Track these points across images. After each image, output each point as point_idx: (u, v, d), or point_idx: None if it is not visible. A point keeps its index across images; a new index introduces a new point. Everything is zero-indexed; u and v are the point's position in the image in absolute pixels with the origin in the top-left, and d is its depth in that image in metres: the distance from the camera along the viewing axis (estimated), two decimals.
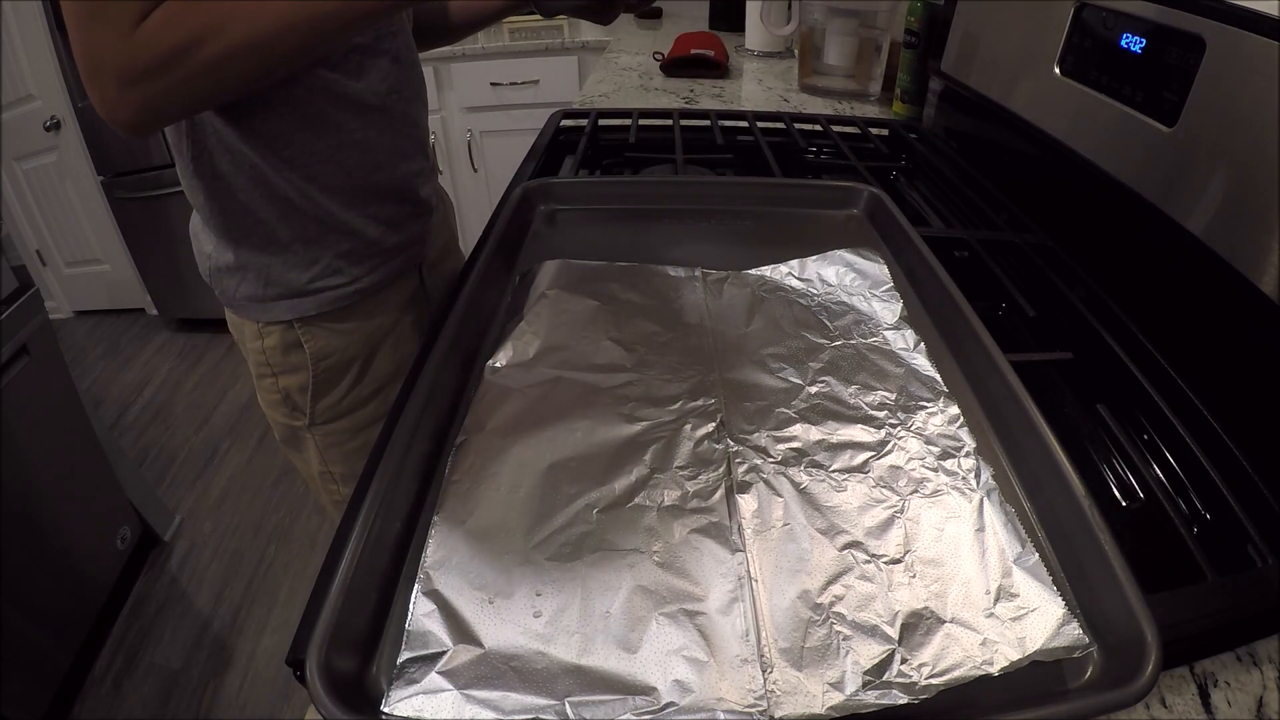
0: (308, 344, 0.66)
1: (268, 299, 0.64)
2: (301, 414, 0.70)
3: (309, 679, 0.28)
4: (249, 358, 0.70)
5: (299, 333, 0.66)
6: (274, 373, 0.68)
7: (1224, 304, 0.55)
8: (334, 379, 0.69)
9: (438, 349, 0.46)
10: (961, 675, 0.30)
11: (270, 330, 0.66)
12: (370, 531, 0.33)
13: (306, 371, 0.67)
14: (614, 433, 0.42)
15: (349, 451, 0.73)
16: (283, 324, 0.65)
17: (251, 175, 0.59)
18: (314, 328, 0.66)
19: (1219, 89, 0.53)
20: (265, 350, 0.67)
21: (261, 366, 0.68)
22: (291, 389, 0.69)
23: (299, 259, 0.63)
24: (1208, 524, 0.45)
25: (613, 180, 0.76)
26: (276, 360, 0.67)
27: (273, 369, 0.68)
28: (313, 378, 0.68)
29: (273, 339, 0.66)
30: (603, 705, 0.29)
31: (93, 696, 1.33)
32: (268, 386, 0.70)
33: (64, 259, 2.52)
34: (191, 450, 1.93)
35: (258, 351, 0.68)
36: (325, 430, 0.72)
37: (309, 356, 0.67)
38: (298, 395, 0.69)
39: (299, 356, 0.67)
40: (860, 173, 0.87)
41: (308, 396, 0.69)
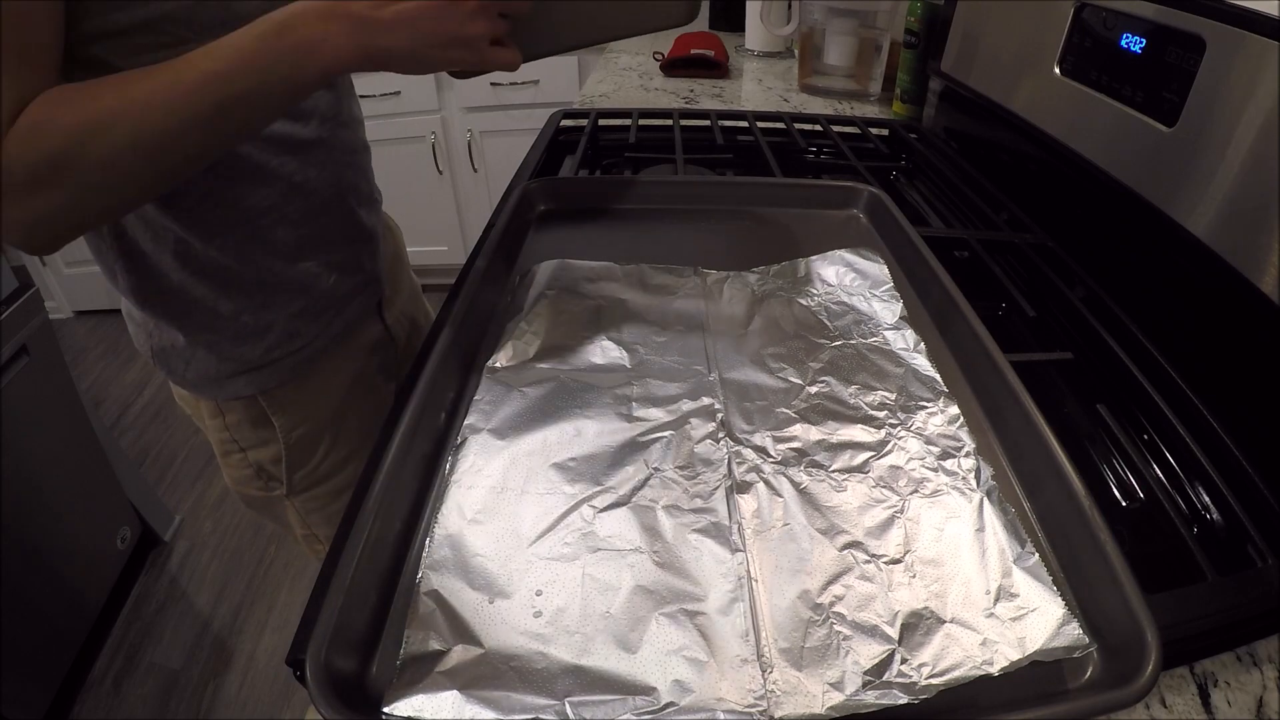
0: (275, 416, 0.61)
1: (222, 377, 0.58)
2: (278, 483, 0.65)
3: (309, 679, 0.28)
4: (209, 435, 0.64)
5: (264, 405, 0.60)
6: (242, 449, 0.63)
7: (1224, 304, 0.55)
8: (309, 447, 0.64)
9: (438, 348, 0.46)
10: (961, 675, 0.30)
11: (231, 406, 0.60)
12: (370, 531, 0.33)
13: (278, 444, 0.62)
14: (614, 433, 0.42)
15: (332, 514, 0.68)
16: (244, 398, 0.60)
17: (178, 250, 0.52)
18: (278, 398, 0.61)
19: (1219, 89, 0.53)
20: (229, 427, 0.62)
21: (227, 444, 0.63)
22: (264, 461, 0.64)
23: (249, 329, 0.57)
24: (1208, 524, 0.45)
25: (613, 180, 0.76)
26: (244, 435, 0.62)
27: (240, 445, 0.63)
28: (285, 450, 0.63)
29: (235, 415, 0.61)
30: (603, 705, 0.29)
31: (93, 696, 1.33)
32: (236, 463, 0.64)
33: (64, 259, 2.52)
34: (191, 450, 1.93)
35: (219, 429, 0.62)
36: (305, 498, 0.67)
37: (278, 429, 0.62)
38: (271, 467, 0.64)
39: (267, 430, 0.62)
40: (860, 173, 0.87)
41: (282, 467, 0.64)
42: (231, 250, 0.54)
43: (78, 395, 1.35)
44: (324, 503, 0.68)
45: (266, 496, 0.67)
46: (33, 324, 1.23)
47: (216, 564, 1.61)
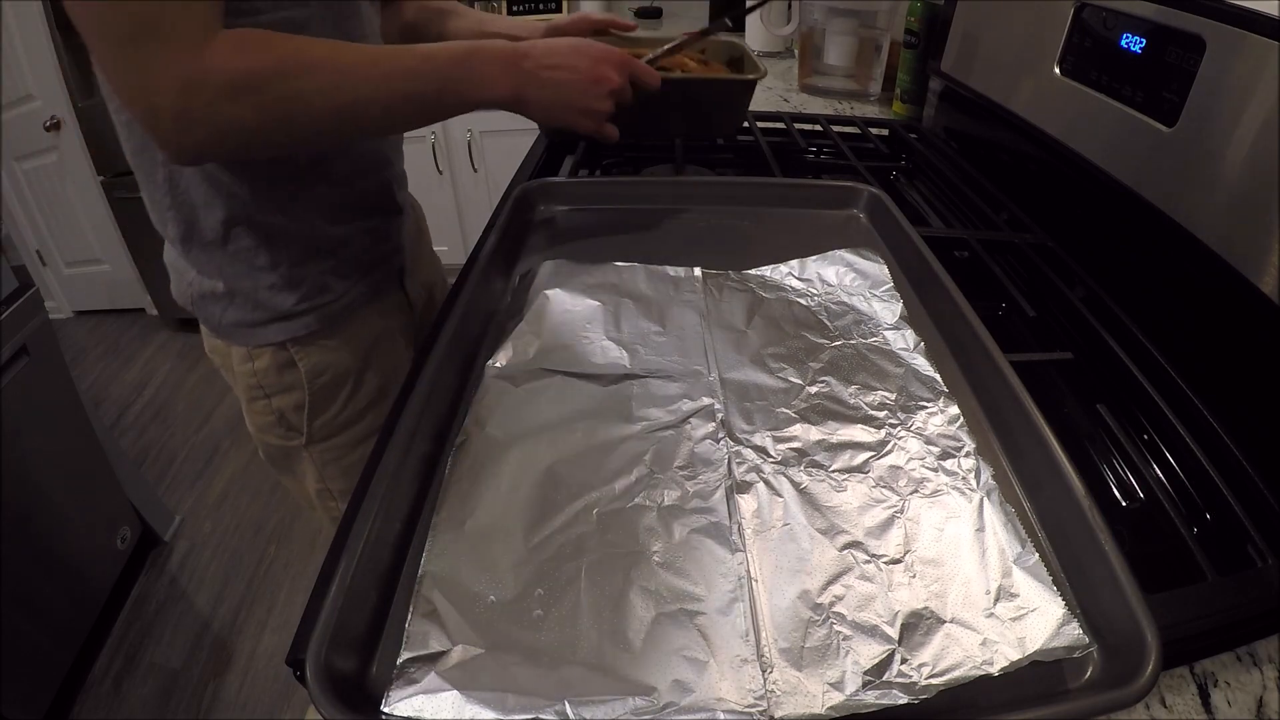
0: (301, 362, 0.65)
1: (257, 324, 0.63)
2: (298, 433, 0.69)
3: (309, 679, 0.28)
4: (237, 381, 0.68)
5: (292, 352, 0.65)
6: (267, 394, 0.67)
7: (1224, 304, 0.55)
8: (330, 395, 0.68)
9: (438, 349, 0.46)
10: (961, 675, 0.30)
11: (260, 352, 0.64)
12: (370, 531, 0.33)
13: (302, 390, 0.66)
14: (614, 433, 0.42)
15: (347, 466, 0.72)
16: (274, 345, 0.64)
17: (230, 204, 0.57)
18: (306, 346, 0.65)
19: (1219, 89, 0.53)
20: (257, 373, 0.65)
21: (254, 390, 0.67)
22: (286, 409, 0.67)
23: (285, 281, 0.61)
24: (1208, 524, 0.45)
25: (613, 180, 0.76)
26: (270, 381, 0.66)
27: (265, 391, 0.67)
28: (309, 395, 0.67)
29: (264, 361, 0.65)
30: (603, 705, 0.28)
31: (93, 696, 1.33)
32: (260, 409, 0.68)
33: (64, 259, 2.52)
34: (191, 450, 1.93)
35: (248, 375, 0.66)
36: (323, 447, 0.71)
37: (304, 375, 0.66)
38: (293, 415, 0.68)
39: (293, 376, 0.66)
40: (860, 173, 0.87)
41: (304, 415, 0.68)
42: (278, 206, 0.58)
43: (78, 395, 1.35)
44: (340, 454, 0.71)
45: (286, 447, 0.70)
46: (33, 324, 1.23)
47: (216, 564, 1.61)
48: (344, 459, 0.71)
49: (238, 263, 0.60)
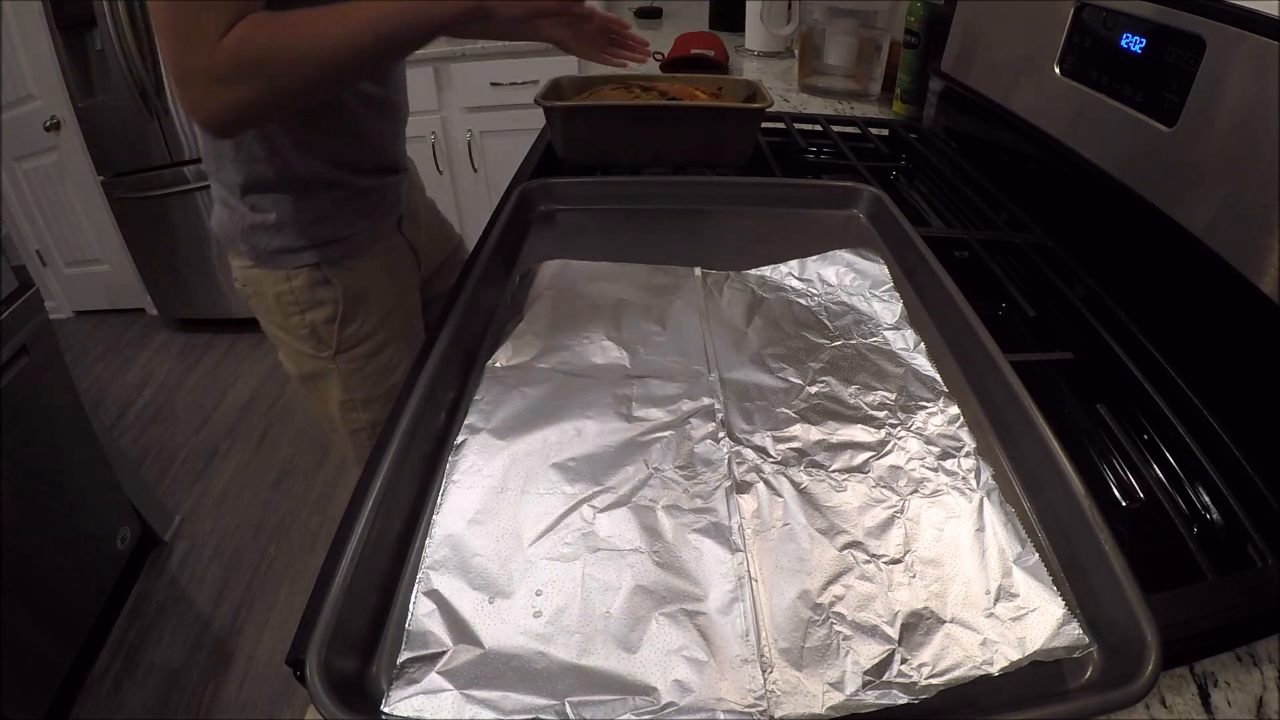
0: (336, 279, 0.79)
1: (299, 249, 0.77)
2: (327, 346, 0.82)
3: (309, 679, 0.28)
4: (273, 304, 0.80)
5: (326, 272, 0.79)
6: (301, 310, 0.80)
7: (1224, 304, 0.55)
8: (355, 308, 0.82)
9: (438, 349, 0.46)
10: (961, 675, 0.30)
11: (297, 273, 0.78)
12: (370, 531, 0.33)
13: (334, 304, 0.80)
14: (614, 433, 0.42)
15: (368, 375, 0.86)
16: (309, 266, 0.78)
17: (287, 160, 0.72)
18: (336, 268, 0.79)
19: (1219, 89, 0.53)
20: (294, 290, 0.79)
21: (289, 306, 0.79)
22: (318, 322, 0.81)
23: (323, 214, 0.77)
24: (1208, 524, 0.45)
25: (613, 180, 0.77)
26: (304, 298, 0.79)
27: (300, 307, 0.80)
28: (342, 306, 0.80)
29: (300, 280, 0.78)
30: (603, 705, 0.28)
31: (93, 696, 1.33)
32: (294, 325, 0.81)
33: (64, 259, 2.52)
34: (191, 450, 1.93)
35: (286, 293, 0.79)
36: (348, 357, 0.84)
37: (340, 290, 0.80)
38: (324, 328, 0.81)
39: (327, 291, 0.79)
40: (860, 173, 0.87)
41: (335, 326, 0.81)
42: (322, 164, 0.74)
43: (78, 395, 1.35)
44: (361, 364, 0.85)
45: (315, 361, 0.84)
46: (33, 324, 1.22)
47: (216, 564, 1.61)
48: (365, 368, 0.85)
49: (288, 202, 0.74)
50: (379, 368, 0.86)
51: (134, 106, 2.03)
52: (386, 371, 0.88)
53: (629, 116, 0.81)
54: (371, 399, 0.88)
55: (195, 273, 2.32)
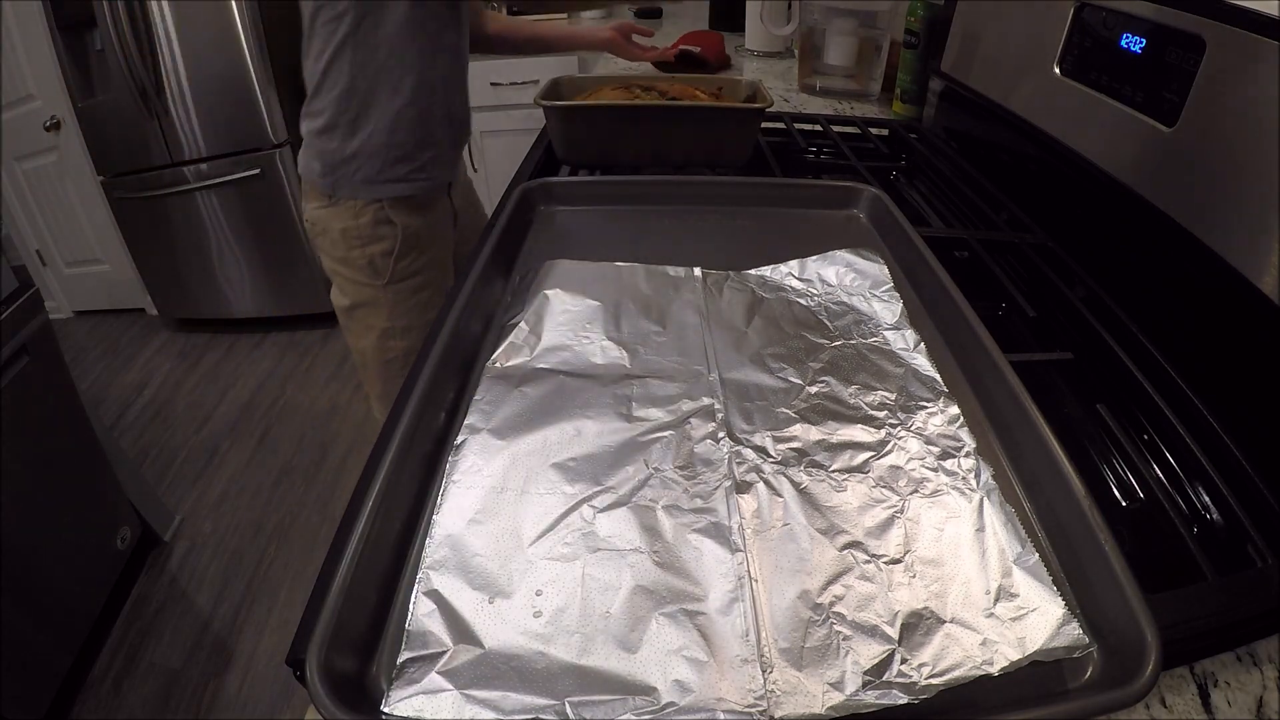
0: (396, 218, 0.97)
1: (379, 181, 0.94)
2: (381, 276, 0.99)
3: (309, 679, 0.28)
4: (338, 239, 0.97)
5: (389, 211, 0.96)
6: (363, 244, 0.97)
7: (1224, 304, 0.55)
8: (409, 245, 0.99)
9: (438, 349, 0.46)
10: (961, 675, 0.30)
11: (366, 210, 0.95)
12: (370, 531, 0.33)
13: (393, 239, 0.97)
14: (614, 433, 0.42)
15: (410, 306, 1.03)
16: (376, 204, 0.95)
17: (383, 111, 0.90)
18: (398, 209, 0.96)
19: (1219, 89, 0.53)
20: (359, 226, 0.96)
21: (353, 240, 0.96)
22: (376, 255, 0.97)
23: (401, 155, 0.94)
24: (1208, 524, 0.45)
25: (613, 180, 0.77)
26: (367, 233, 0.96)
27: (363, 241, 0.97)
28: (400, 241, 0.97)
29: (367, 216, 0.95)
30: (603, 705, 0.28)
31: (93, 696, 1.33)
32: (355, 257, 0.97)
33: (64, 259, 2.52)
34: (191, 450, 1.93)
35: (352, 229, 0.96)
36: (397, 288, 1.01)
37: (399, 227, 0.97)
38: (381, 260, 0.98)
39: (387, 228, 0.97)
40: (860, 173, 0.87)
41: (391, 259, 0.98)
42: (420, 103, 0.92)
43: (78, 395, 1.35)
44: (407, 295, 1.02)
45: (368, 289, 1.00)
46: (33, 324, 1.23)
47: (216, 564, 1.61)
48: (409, 300, 1.02)
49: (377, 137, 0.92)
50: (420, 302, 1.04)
51: (134, 106, 2.03)
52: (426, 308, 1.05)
53: (629, 116, 0.81)
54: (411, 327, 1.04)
55: (195, 273, 2.32)
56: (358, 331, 1.05)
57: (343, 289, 1.02)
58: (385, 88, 0.89)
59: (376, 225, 0.95)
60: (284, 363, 2.29)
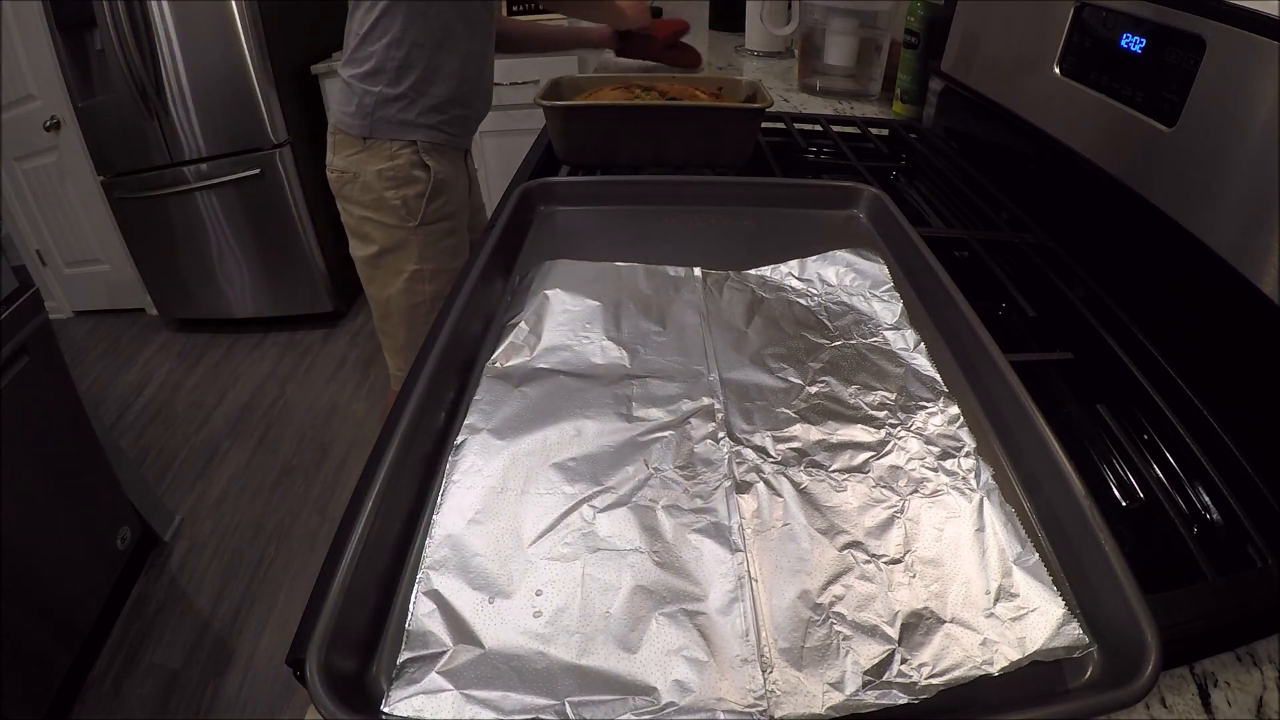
0: (430, 162, 1.05)
1: (417, 125, 1.03)
2: (414, 217, 1.06)
3: (309, 679, 0.28)
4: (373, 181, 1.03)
5: (423, 155, 1.05)
6: (398, 185, 1.04)
7: (1224, 304, 0.55)
8: (440, 190, 1.07)
9: (438, 349, 0.46)
10: (961, 675, 0.30)
11: (402, 152, 1.03)
12: (370, 531, 0.33)
13: (425, 182, 1.05)
14: (614, 433, 0.42)
15: (440, 249, 1.11)
16: (411, 146, 1.03)
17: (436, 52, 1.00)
18: (431, 154, 1.05)
19: (1219, 89, 0.53)
20: (395, 168, 1.03)
21: (388, 181, 1.03)
22: (409, 197, 1.05)
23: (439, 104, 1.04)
24: (1207, 524, 0.45)
25: (613, 180, 0.76)
26: (403, 175, 1.04)
27: (398, 181, 1.04)
28: (431, 185, 1.06)
29: (403, 159, 1.03)
30: (603, 705, 0.29)
31: (93, 696, 1.33)
32: (389, 199, 1.04)
33: (64, 259, 2.52)
34: (191, 450, 1.93)
35: (388, 170, 1.03)
36: (427, 230, 1.08)
37: (432, 170, 1.06)
38: (414, 201, 1.05)
39: (422, 171, 1.05)
40: (860, 173, 0.87)
41: (423, 201, 1.06)
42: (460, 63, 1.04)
43: (78, 395, 1.35)
44: (438, 239, 1.10)
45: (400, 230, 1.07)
46: (33, 324, 1.23)
47: (216, 564, 1.61)
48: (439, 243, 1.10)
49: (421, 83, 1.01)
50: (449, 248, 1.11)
51: (134, 106, 2.03)
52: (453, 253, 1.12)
53: (629, 116, 0.81)
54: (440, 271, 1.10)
55: (195, 273, 2.32)
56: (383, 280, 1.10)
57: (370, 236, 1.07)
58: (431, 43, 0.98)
59: (412, 168, 1.03)
60: (284, 363, 2.29)
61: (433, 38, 0.98)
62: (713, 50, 1.69)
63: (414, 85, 1.00)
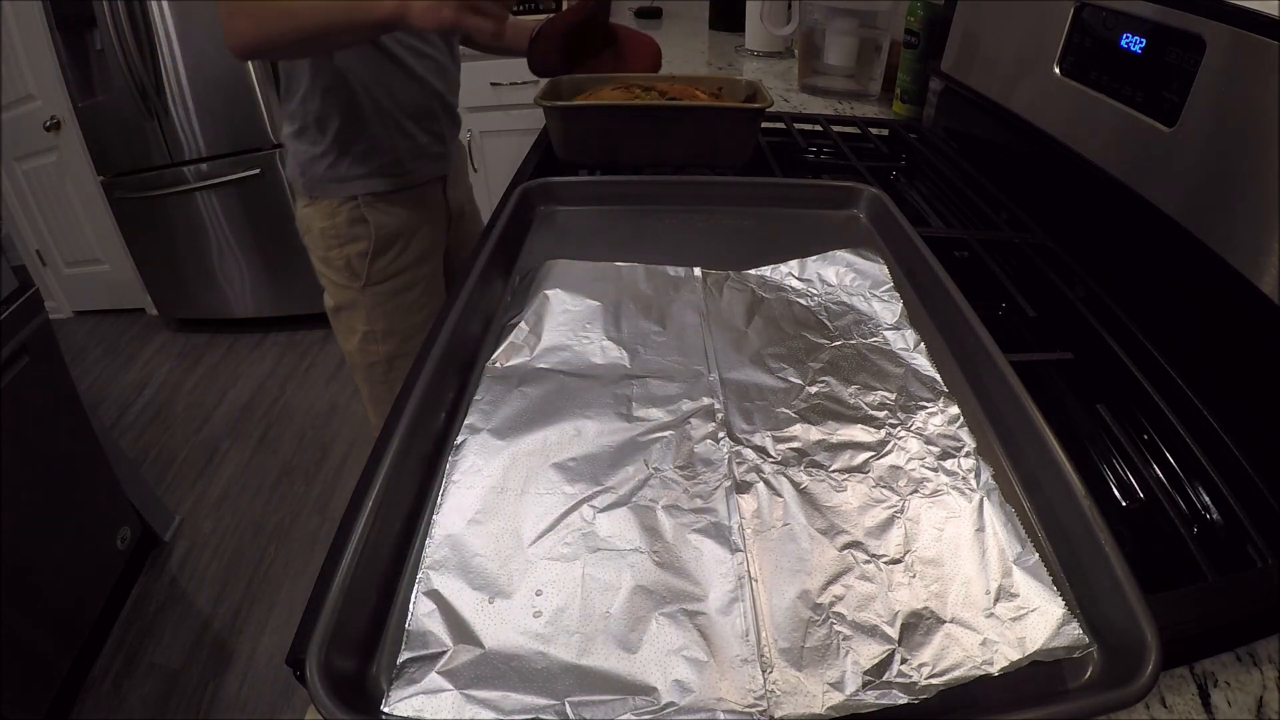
0: (370, 218, 0.95)
1: (348, 179, 0.92)
2: (358, 277, 0.97)
3: (309, 679, 0.28)
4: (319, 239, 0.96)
5: (363, 210, 0.94)
6: (340, 244, 0.95)
7: (1224, 304, 0.55)
8: (386, 246, 0.97)
9: (438, 349, 0.46)
10: (961, 675, 0.30)
11: (341, 209, 0.93)
12: (370, 531, 0.33)
13: (367, 240, 0.95)
14: (614, 433, 0.42)
15: (390, 310, 1.00)
16: (351, 202, 0.93)
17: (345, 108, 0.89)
18: (374, 207, 0.94)
19: (1219, 89, 0.53)
20: (335, 225, 0.94)
21: (331, 240, 0.95)
22: (353, 255, 0.96)
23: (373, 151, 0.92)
24: (1208, 524, 0.45)
25: (613, 180, 0.76)
26: (343, 232, 0.95)
27: (340, 240, 0.95)
28: (373, 243, 0.95)
29: (342, 216, 0.94)
30: (603, 705, 0.29)
31: (93, 696, 1.33)
32: (334, 256, 0.96)
33: (64, 259, 2.52)
34: (191, 450, 1.93)
35: (330, 227, 0.95)
36: (375, 290, 0.99)
37: (372, 227, 0.95)
38: (357, 261, 0.96)
39: (362, 228, 0.95)
40: (860, 173, 0.87)
41: (366, 260, 0.96)
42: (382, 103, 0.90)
43: (78, 395, 1.35)
44: (387, 298, 1.00)
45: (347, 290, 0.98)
46: (33, 324, 1.23)
47: (216, 564, 1.61)
48: (388, 303, 1.00)
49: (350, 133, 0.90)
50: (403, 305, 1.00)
51: (134, 106, 2.03)
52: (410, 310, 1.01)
53: (629, 116, 0.81)
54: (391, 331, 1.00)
55: (195, 273, 2.32)
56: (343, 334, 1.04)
57: (328, 290, 1.01)
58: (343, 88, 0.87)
59: (351, 225, 0.94)
60: (284, 363, 2.29)
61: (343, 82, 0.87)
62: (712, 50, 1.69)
63: (338, 138, 0.90)
